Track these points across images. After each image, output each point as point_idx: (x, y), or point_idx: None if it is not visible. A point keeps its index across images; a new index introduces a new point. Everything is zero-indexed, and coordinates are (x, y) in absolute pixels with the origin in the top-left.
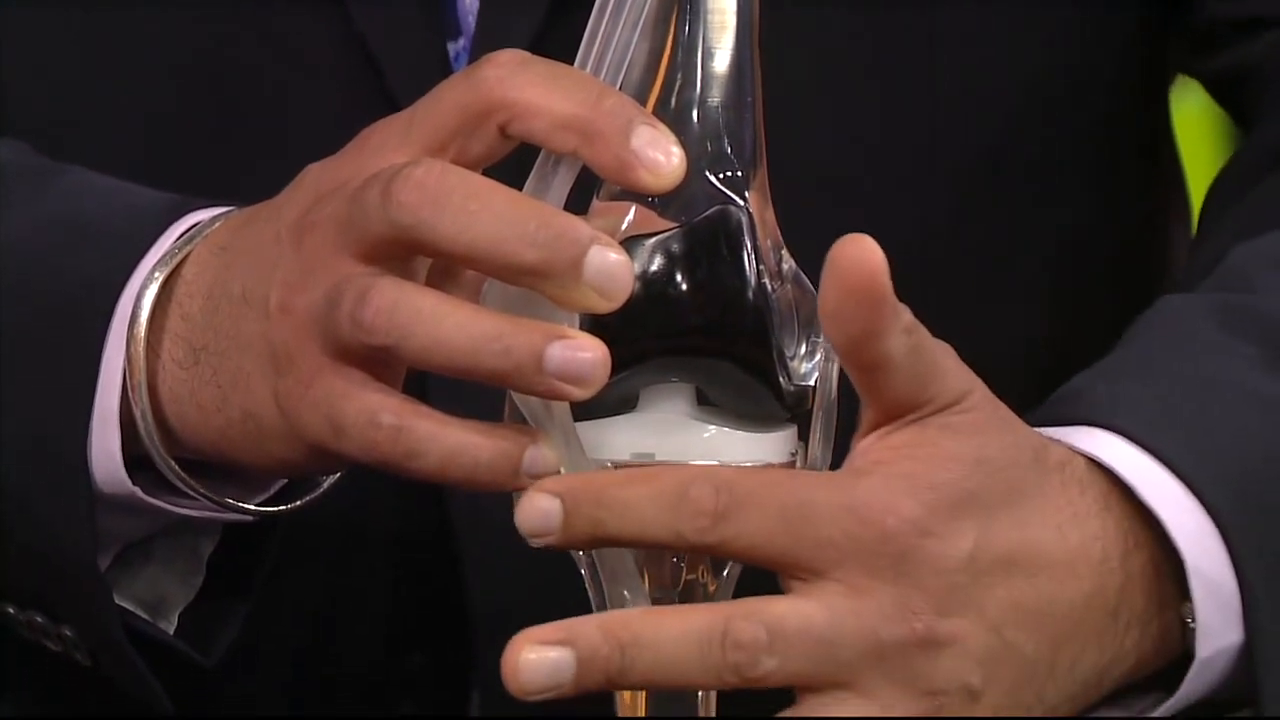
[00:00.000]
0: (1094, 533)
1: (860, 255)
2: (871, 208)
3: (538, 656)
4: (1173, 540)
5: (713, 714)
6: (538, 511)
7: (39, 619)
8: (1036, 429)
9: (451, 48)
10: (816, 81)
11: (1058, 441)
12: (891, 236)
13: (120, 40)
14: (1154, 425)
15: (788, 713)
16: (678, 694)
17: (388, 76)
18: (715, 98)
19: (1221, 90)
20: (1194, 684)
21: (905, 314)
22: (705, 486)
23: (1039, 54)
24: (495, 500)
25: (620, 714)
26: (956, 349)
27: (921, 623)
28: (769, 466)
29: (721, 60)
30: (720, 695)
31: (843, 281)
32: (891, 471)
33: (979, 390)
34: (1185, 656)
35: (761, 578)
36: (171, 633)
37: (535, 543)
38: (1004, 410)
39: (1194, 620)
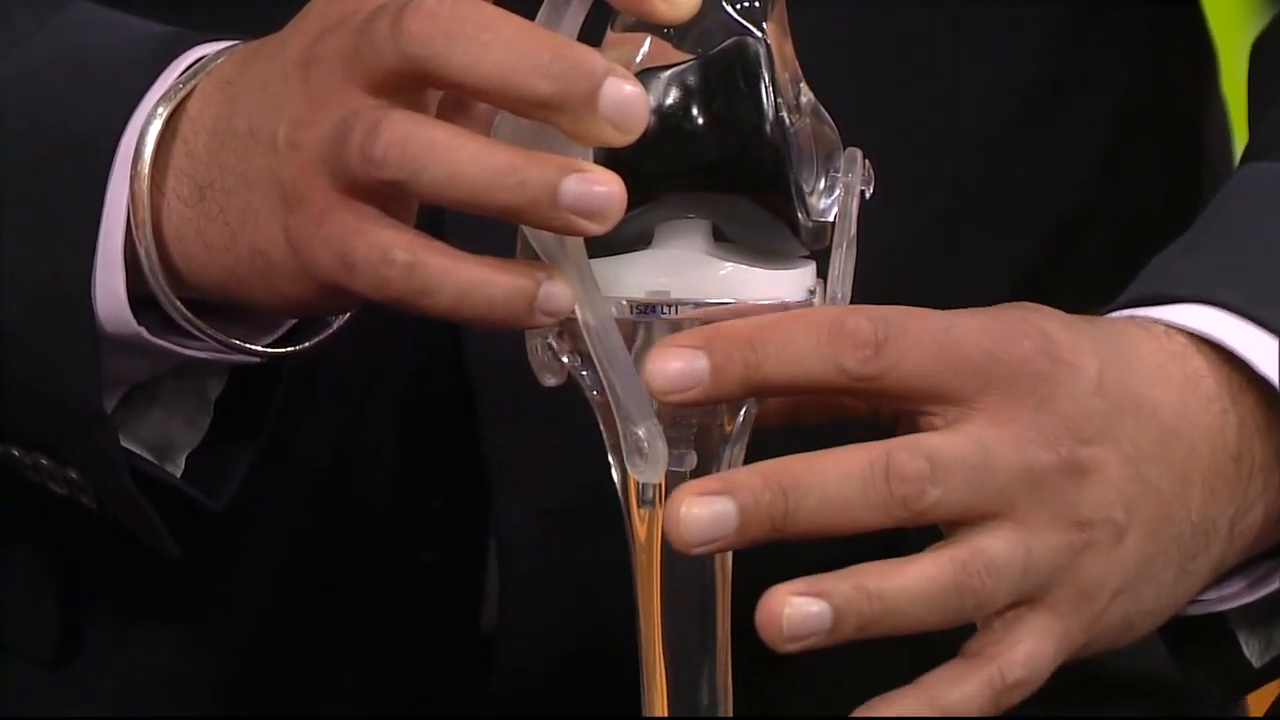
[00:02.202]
0: (1196, 370)
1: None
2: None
3: (701, 510)
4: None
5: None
6: (677, 369)
7: (44, 461)
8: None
9: None
10: None
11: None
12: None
13: None
14: (1253, 295)
15: (937, 545)
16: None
17: None
18: None
19: None
20: None
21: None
22: (861, 317)
23: None
24: (511, 340)
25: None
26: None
27: (1065, 447)
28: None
29: None
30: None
31: None
32: (1013, 307)
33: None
34: None
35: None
36: (179, 476)
37: (675, 399)
38: None
39: None
